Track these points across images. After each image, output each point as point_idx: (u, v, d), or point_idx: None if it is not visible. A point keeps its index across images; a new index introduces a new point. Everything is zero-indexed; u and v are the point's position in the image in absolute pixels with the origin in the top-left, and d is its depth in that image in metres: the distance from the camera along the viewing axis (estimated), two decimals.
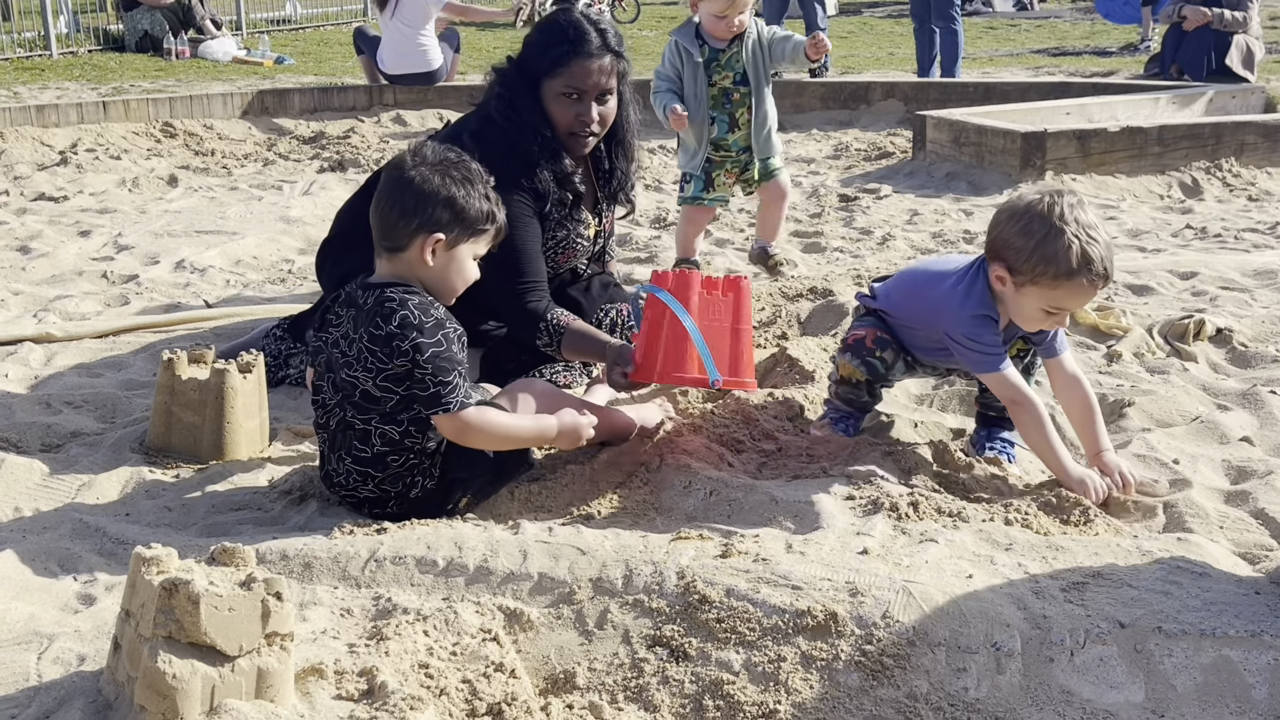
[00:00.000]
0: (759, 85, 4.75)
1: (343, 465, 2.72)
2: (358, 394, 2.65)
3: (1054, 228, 2.79)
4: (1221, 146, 7.09)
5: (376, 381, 2.61)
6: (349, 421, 2.68)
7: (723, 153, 4.81)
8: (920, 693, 2.06)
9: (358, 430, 2.68)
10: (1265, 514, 2.80)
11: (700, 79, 4.70)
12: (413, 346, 2.56)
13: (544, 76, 3.46)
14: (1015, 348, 3.09)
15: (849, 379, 3.18)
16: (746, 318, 3.06)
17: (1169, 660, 2.10)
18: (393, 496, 2.73)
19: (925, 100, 8.92)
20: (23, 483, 2.93)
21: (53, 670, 2.02)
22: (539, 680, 2.14)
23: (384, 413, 2.66)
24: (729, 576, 2.26)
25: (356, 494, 2.75)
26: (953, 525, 2.60)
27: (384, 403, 2.64)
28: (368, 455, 2.69)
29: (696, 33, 4.71)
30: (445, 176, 2.66)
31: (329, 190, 6.87)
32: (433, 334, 2.58)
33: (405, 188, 2.65)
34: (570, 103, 3.46)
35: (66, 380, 3.69)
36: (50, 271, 5.13)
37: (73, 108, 8.55)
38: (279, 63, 12.65)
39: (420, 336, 2.56)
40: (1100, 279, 2.81)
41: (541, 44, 3.49)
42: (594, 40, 3.45)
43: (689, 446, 3.00)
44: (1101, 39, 15.03)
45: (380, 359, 2.60)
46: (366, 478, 2.71)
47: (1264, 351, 3.86)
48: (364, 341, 2.61)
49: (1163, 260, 5.00)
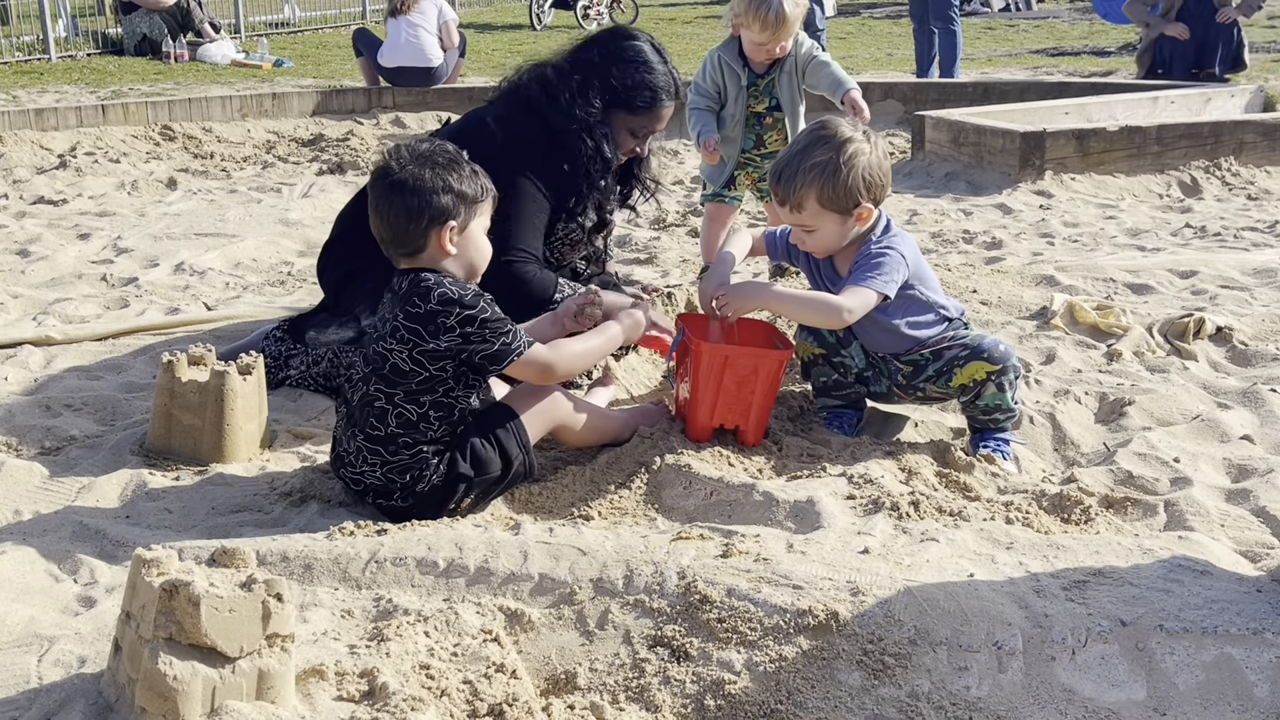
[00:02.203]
0: (793, 109, 4.65)
1: (354, 443, 2.74)
2: (387, 367, 2.69)
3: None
4: (1220, 145, 7.09)
5: (411, 354, 2.66)
6: (370, 396, 2.72)
7: (745, 155, 4.77)
8: (922, 692, 2.05)
9: (376, 407, 2.71)
10: (1266, 512, 2.80)
11: (742, 100, 4.60)
12: (461, 320, 2.65)
13: (620, 109, 3.65)
14: (982, 370, 3.07)
15: (807, 358, 3.27)
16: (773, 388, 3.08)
17: (1170, 658, 2.10)
18: (398, 488, 2.73)
19: (924, 100, 8.93)
20: (23, 485, 2.93)
21: (53, 672, 2.02)
22: (540, 681, 2.14)
23: (408, 390, 2.69)
24: (730, 576, 2.26)
25: (363, 479, 2.75)
26: (953, 524, 2.60)
27: (411, 378, 2.68)
28: (381, 434, 2.71)
29: (738, 51, 4.58)
30: (432, 167, 2.72)
31: (328, 193, 6.87)
32: (474, 302, 2.67)
33: (401, 192, 2.69)
34: (632, 138, 3.74)
35: (66, 383, 3.69)
36: (50, 275, 5.12)
37: (71, 111, 8.55)
38: (278, 65, 12.65)
39: (465, 309, 2.65)
40: (774, 183, 3.03)
41: (631, 83, 3.65)
42: (672, 88, 3.72)
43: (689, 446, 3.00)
44: (1100, 39, 15.03)
45: (420, 336, 2.65)
46: (376, 458, 2.72)
47: (1264, 350, 3.86)
48: (400, 319, 2.67)
49: (1162, 259, 5.00)
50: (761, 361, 2.99)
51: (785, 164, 2.99)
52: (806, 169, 2.95)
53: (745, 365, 2.97)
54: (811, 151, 2.96)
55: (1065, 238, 5.73)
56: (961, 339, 3.11)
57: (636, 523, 2.70)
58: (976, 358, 3.06)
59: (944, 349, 3.11)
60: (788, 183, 2.98)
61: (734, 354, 2.98)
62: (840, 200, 2.97)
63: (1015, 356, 3.12)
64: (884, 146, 3.06)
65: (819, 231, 3.03)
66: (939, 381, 3.12)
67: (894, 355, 3.17)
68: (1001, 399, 3.08)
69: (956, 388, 3.11)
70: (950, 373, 3.09)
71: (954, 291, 4.29)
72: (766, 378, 2.99)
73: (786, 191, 2.99)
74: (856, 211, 2.99)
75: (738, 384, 2.97)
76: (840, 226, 3.02)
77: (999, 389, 3.07)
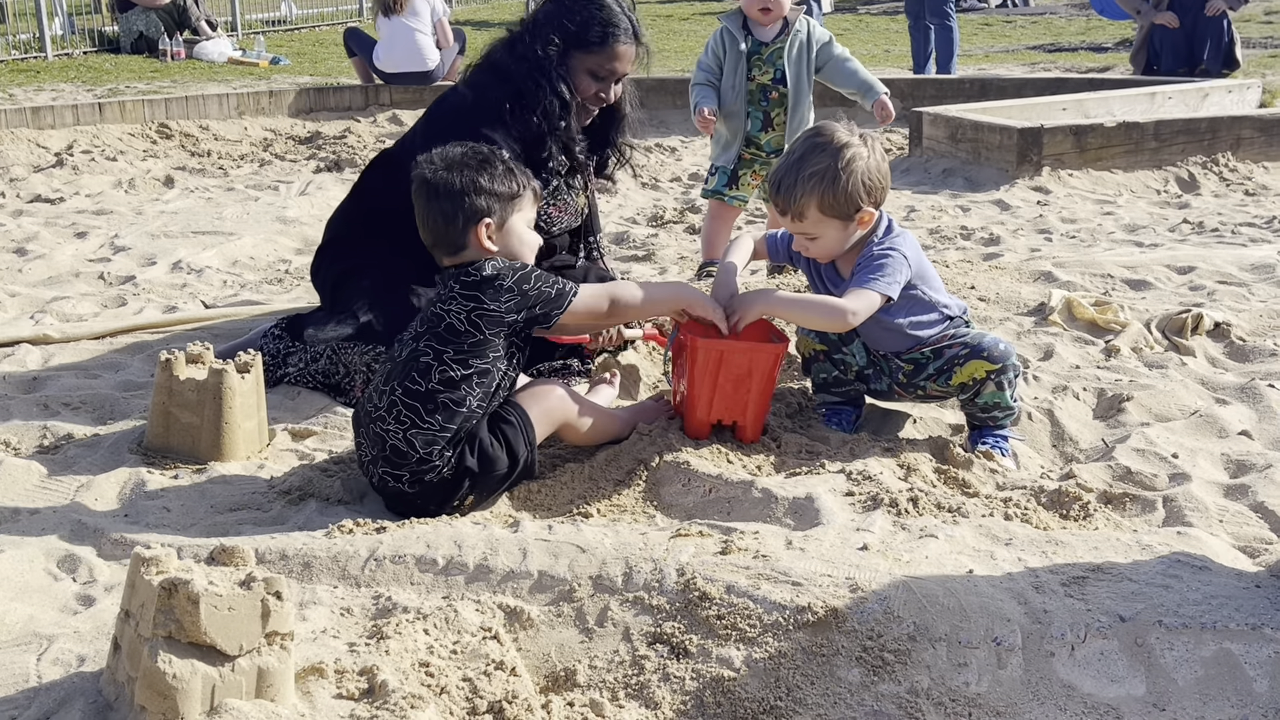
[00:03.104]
0: (798, 88, 4.65)
1: (388, 398, 2.76)
2: (442, 326, 2.76)
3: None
4: (1218, 141, 7.10)
5: (469, 316, 2.75)
6: (419, 351, 2.77)
7: (753, 150, 4.75)
8: (921, 688, 2.06)
9: (422, 362, 2.75)
10: (1264, 507, 2.80)
11: (740, 70, 4.61)
12: (518, 279, 2.77)
13: (575, 49, 3.67)
14: (981, 369, 3.08)
15: (808, 354, 3.27)
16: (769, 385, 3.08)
17: (1170, 654, 2.10)
18: (406, 474, 2.72)
19: (921, 97, 8.93)
20: (21, 484, 2.92)
21: (53, 671, 2.02)
22: (540, 678, 2.14)
23: (459, 349, 2.74)
24: (729, 573, 2.26)
25: (384, 439, 2.73)
26: (952, 520, 2.60)
27: (465, 339, 2.74)
28: (421, 389, 2.74)
29: (744, 22, 4.63)
30: (462, 170, 2.83)
31: (325, 190, 6.87)
32: (523, 268, 2.81)
33: (436, 197, 2.82)
34: (594, 80, 3.71)
35: (64, 381, 3.69)
36: (47, 273, 5.12)
37: (68, 109, 8.53)
38: (274, 63, 12.62)
39: (516, 275, 2.77)
40: (774, 193, 3.03)
41: (581, 19, 3.68)
42: (629, 28, 3.71)
43: (688, 443, 3.00)
44: (1097, 34, 15.03)
45: (479, 300, 2.75)
46: (410, 414, 2.73)
47: (1262, 345, 3.86)
48: (457, 289, 2.77)
49: (1160, 255, 5.00)
50: (757, 356, 2.98)
51: (784, 173, 2.99)
52: (806, 178, 2.95)
53: (741, 361, 2.97)
54: (809, 159, 2.96)
55: (1063, 234, 5.74)
56: (962, 338, 3.12)
57: (635, 520, 2.70)
58: (976, 356, 3.07)
59: (944, 347, 3.11)
60: (788, 192, 2.98)
61: (729, 349, 2.98)
62: (841, 207, 2.97)
63: (1015, 355, 3.12)
64: (881, 148, 3.06)
65: (822, 239, 3.04)
66: (939, 380, 3.13)
67: (895, 354, 3.17)
68: (1000, 397, 3.09)
69: (956, 386, 3.11)
70: (950, 371, 3.10)
71: (952, 288, 4.29)
72: (763, 373, 2.99)
73: (787, 201, 2.99)
74: (858, 216, 3.00)
75: (734, 380, 2.97)
76: (843, 232, 3.03)
77: (998, 387, 3.07)
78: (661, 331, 3.78)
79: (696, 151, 8.27)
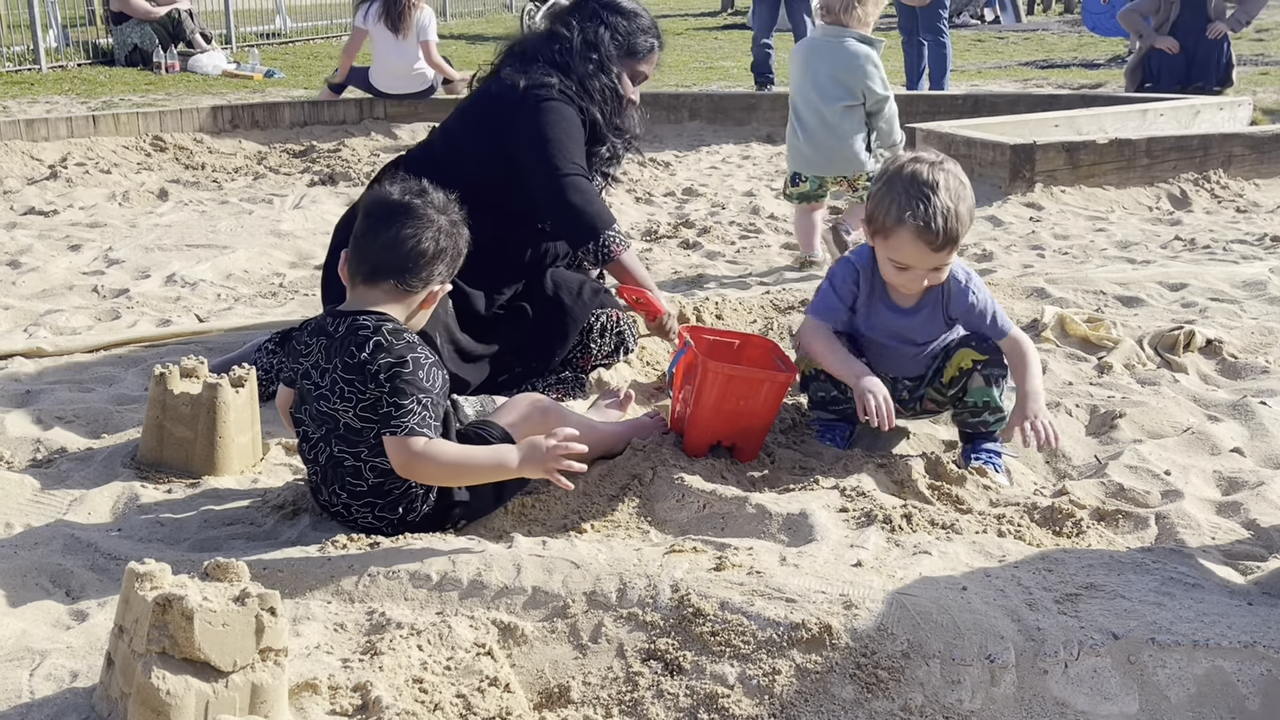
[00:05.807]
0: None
1: (338, 499, 2.67)
2: (341, 426, 2.58)
3: (897, 180, 2.93)
4: (1209, 158, 7.12)
5: (356, 412, 2.55)
6: (338, 457, 2.62)
7: None
8: (915, 705, 2.06)
9: (348, 466, 2.61)
10: (1257, 524, 2.81)
11: None
12: (380, 367, 2.50)
13: (626, 56, 3.94)
14: (968, 358, 3.11)
15: (808, 372, 3.28)
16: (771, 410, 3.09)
17: (1163, 671, 2.11)
18: (392, 523, 2.70)
19: (914, 113, 8.94)
20: (13, 498, 2.92)
21: (45, 687, 2.01)
22: (533, 694, 2.14)
23: (370, 444, 2.57)
24: (723, 589, 2.26)
25: (356, 523, 2.70)
26: (946, 537, 2.61)
27: (367, 434, 2.56)
28: (363, 488, 2.63)
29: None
30: (455, 233, 2.68)
31: (320, 204, 6.87)
32: (400, 355, 2.51)
33: (437, 234, 2.63)
34: (634, 84, 4.00)
35: (57, 395, 3.68)
36: (40, 286, 5.11)
37: (62, 122, 8.53)
38: (269, 76, 12.63)
39: (388, 357, 2.50)
40: (927, 230, 2.89)
41: (633, 28, 3.96)
42: (661, 37, 4.07)
43: (682, 459, 3.00)
44: (1089, 51, 15.10)
45: (357, 388, 2.53)
46: (368, 507, 2.66)
47: (1254, 362, 3.87)
48: (338, 371, 2.56)
49: (1152, 272, 5.02)
50: (766, 383, 3.00)
51: (946, 208, 2.89)
52: (967, 210, 2.94)
53: (749, 385, 2.97)
54: (963, 193, 2.94)
55: (1055, 250, 5.76)
56: (952, 335, 3.19)
57: (629, 535, 2.70)
58: (964, 344, 3.12)
59: (940, 348, 3.18)
60: (954, 226, 2.91)
61: (739, 374, 2.99)
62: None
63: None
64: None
65: (947, 266, 3.03)
66: (934, 382, 3.16)
67: (906, 376, 3.21)
68: (989, 395, 3.09)
69: (948, 383, 3.14)
70: (942, 368, 3.13)
71: None
72: (769, 399, 3.00)
73: (954, 235, 2.93)
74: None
75: (740, 403, 2.98)
76: None
77: (985, 382, 3.08)
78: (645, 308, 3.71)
79: (690, 166, 8.28)
